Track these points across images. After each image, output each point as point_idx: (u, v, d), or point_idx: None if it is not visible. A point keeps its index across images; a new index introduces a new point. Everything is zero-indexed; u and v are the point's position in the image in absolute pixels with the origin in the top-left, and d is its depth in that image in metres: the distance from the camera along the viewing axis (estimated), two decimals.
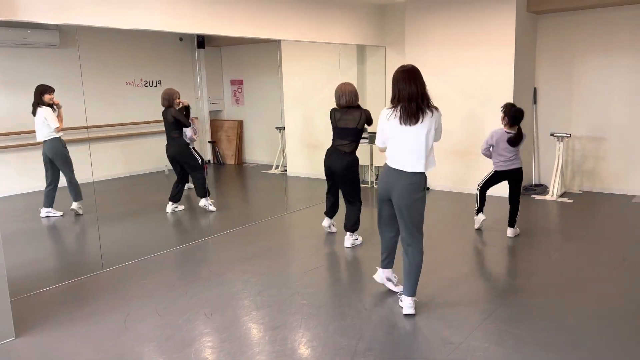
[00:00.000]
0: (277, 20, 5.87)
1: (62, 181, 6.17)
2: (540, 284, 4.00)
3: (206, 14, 5.13)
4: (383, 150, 3.61)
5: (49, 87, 6.10)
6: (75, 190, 6.08)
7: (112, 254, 4.82)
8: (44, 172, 6.30)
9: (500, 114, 5.10)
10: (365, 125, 4.94)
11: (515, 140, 5.07)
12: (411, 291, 3.51)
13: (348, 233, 4.98)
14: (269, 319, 3.48)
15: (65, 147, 6.12)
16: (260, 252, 4.87)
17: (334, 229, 5.37)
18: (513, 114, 5.01)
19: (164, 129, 7.00)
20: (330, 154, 4.94)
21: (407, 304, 3.50)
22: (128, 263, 4.63)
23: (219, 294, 3.92)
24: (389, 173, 3.50)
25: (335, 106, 4.94)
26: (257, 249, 4.97)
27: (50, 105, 6.02)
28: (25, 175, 7.20)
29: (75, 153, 7.25)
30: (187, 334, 3.31)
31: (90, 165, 6.08)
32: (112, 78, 8.26)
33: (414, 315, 3.48)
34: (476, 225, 5.39)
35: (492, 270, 4.41)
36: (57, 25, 6.65)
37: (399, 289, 3.77)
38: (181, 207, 6.38)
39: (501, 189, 5.50)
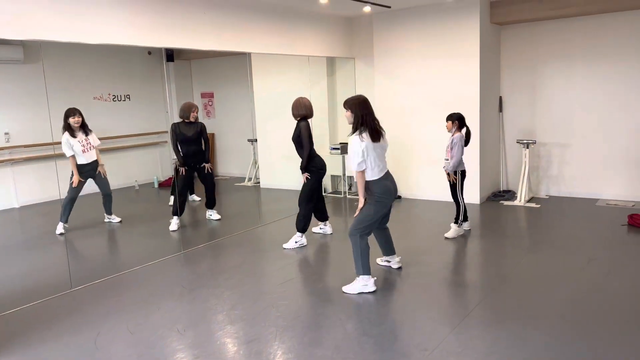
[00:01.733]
0: (246, 33, 5.89)
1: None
2: (510, 287, 4.09)
3: (174, 28, 5.11)
4: (361, 172, 3.99)
5: (72, 109, 6.10)
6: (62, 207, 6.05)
7: (81, 272, 4.72)
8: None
9: (447, 124, 5.38)
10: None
11: (468, 140, 5.45)
12: (394, 250, 4.56)
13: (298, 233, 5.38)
14: (243, 333, 3.46)
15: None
16: (233, 266, 4.84)
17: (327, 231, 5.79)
18: (460, 117, 5.35)
19: (130, 144, 6.92)
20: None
21: (397, 260, 4.55)
22: (98, 281, 4.53)
23: (192, 310, 3.87)
24: (388, 179, 4.10)
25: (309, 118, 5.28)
26: (230, 263, 4.94)
27: (70, 129, 6.02)
28: None
29: (41, 170, 7.12)
30: (159, 351, 3.26)
31: (57, 182, 5.98)
32: (80, 93, 8.12)
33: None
34: (455, 235, 5.43)
35: (463, 276, 4.48)
36: (21, 40, 6.54)
37: (395, 264, 4.56)
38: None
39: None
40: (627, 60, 6.47)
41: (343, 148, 7.38)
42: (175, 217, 6.12)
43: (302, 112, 5.26)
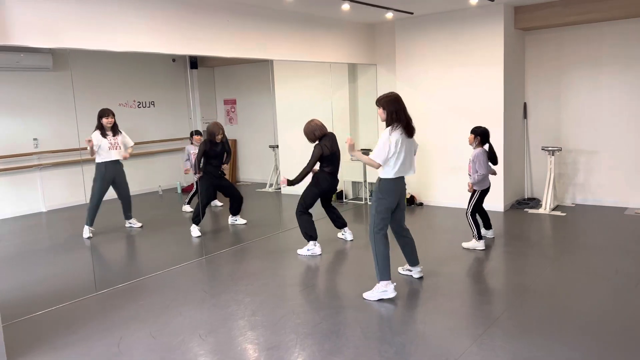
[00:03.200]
0: (268, 41, 5.94)
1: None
2: (534, 298, 4.01)
3: (198, 36, 5.19)
4: (378, 166, 4.02)
5: (106, 110, 6.30)
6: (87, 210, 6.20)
7: (105, 276, 4.79)
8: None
9: (469, 137, 5.27)
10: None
11: (494, 158, 5.28)
12: (418, 260, 4.51)
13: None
14: (264, 340, 3.46)
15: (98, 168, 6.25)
16: (254, 272, 4.86)
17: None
18: (483, 132, 5.22)
19: (154, 149, 7.03)
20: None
21: (418, 270, 4.50)
22: (121, 285, 4.60)
23: (214, 315, 3.90)
24: (398, 182, 4.10)
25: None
26: (251, 269, 4.96)
27: (102, 128, 6.19)
28: (18, 198, 7.19)
29: (68, 175, 7.28)
30: (181, 356, 3.28)
31: (84, 187, 6.11)
32: (106, 99, 8.28)
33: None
34: (475, 247, 5.31)
35: (486, 286, 4.41)
36: (50, 48, 6.71)
37: (417, 273, 4.52)
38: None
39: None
40: None
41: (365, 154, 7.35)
42: (194, 225, 6.18)
43: (319, 132, 5.33)
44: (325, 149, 5.27)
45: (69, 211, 7.18)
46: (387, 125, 4.02)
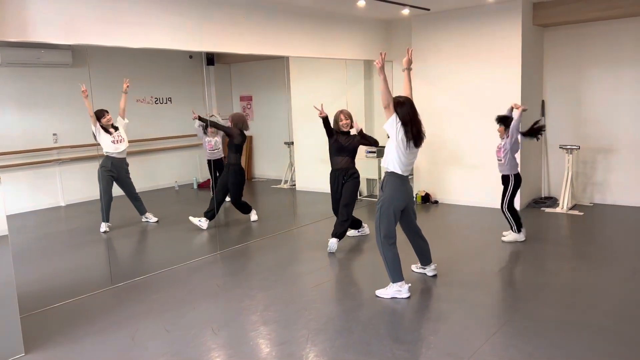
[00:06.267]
0: (284, 37, 5.95)
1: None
2: (550, 297, 3.96)
3: (215, 32, 5.22)
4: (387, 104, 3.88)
5: (100, 111, 6.39)
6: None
7: (121, 270, 4.86)
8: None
9: (500, 129, 5.25)
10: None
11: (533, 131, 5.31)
12: (430, 259, 4.47)
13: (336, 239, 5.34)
14: (276, 335, 3.48)
15: (101, 166, 6.37)
16: (267, 267, 4.88)
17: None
18: (507, 118, 5.23)
19: (171, 145, 7.10)
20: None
21: (432, 268, 4.46)
22: (137, 279, 4.66)
23: (227, 310, 3.93)
24: (404, 181, 4.01)
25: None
26: (264, 264, 4.99)
27: (104, 127, 6.30)
28: (38, 192, 7.32)
29: (87, 170, 7.39)
30: (194, 349, 3.32)
31: (99, 182, 6.20)
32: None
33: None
34: (515, 239, 5.33)
35: (501, 284, 4.37)
36: (69, 45, 6.81)
37: (431, 271, 4.47)
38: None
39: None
40: None
41: (379, 152, 7.34)
42: (204, 218, 6.26)
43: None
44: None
45: (88, 205, 7.28)
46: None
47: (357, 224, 5.75)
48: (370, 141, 5.36)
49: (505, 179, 5.32)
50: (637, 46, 6.43)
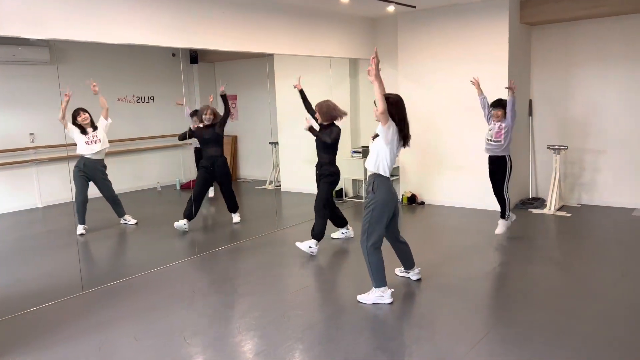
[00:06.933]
0: (268, 35, 5.80)
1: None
2: (537, 302, 3.84)
3: (196, 29, 5.05)
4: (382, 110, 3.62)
5: (76, 110, 6.14)
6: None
7: (93, 275, 4.67)
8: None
9: (499, 113, 5.31)
10: None
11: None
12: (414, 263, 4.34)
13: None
14: (253, 344, 3.32)
15: (75, 167, 6.17)
16: (247, 271, 4.72)
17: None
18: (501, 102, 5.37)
19: (154, 145, 6.88)
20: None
21: (416, 272, 4.32)
22: (109, 284, 4.47)
23: (202, 317, 3.76)
24: (391, 183, 3.90)
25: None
26: (244, 268, 4.82)
27: (80, 127, 6.08)
28: (15, 194, 7.10)
29: (64, 170, 7.17)
30: None
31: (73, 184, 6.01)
32: (104, 94, 8.10)
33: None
34: (504, 229, 5.41)
35: (487, 289, 4.25)
36: (47, 41, 6.60)
37: (415, 275, 4.34)
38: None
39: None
40: None
41: (365, 152, 7.20)
42: (185, 220, 6.03)
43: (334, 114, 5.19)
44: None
45: (66, 207, 7.06)
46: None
47: (341, 222, 5.60)
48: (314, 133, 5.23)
49: (498, 162, 5.30)
50: (624, 45, 6.36)
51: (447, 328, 3.46)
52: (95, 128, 6.12)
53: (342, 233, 5.67)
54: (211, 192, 7.68)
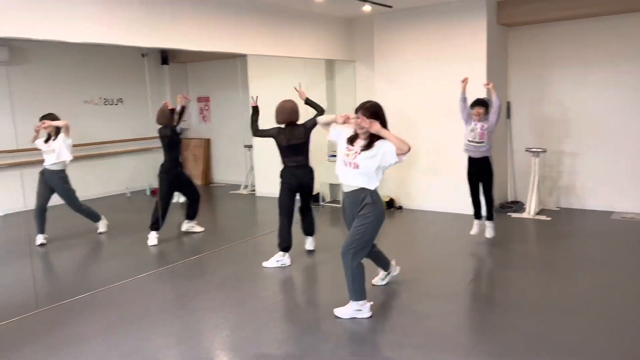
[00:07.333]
0: (242, 34, 5.57)
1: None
2: (519, 313, 3.67)
3: (167, 28, 4.78)
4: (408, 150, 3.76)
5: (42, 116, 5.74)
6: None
7: (50, 291, 4.35)
8: None
9: (481, 110, 5.18)
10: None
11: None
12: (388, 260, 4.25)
13: (310, 237, 5.18)
14: None
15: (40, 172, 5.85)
16: (217, 285, 4.46)
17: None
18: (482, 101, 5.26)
19: (122, 149, 6.51)
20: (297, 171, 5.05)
21: (393, 266, 4.28)
22: (67, 301, 4.12)
23: (164, 336, 3.49)
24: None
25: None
26: (214, 281, 4.56)
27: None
28: None
29: (25, 177, 6.80)
30: None
31: (22, 191, 5.67)
32: (69, 96, 7.81)
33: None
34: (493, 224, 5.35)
35: (470, 297, 4.08)
36: (7, 40, 6.24)
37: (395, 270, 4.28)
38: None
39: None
40: None
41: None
42: (154, 232, 5.71)
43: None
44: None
45: (28, 215, 6.69)
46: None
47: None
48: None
49: (482, 163, 5.18)
50: (601, 46, 6.30)
51: (430, 343, 3.26)
52: (55, 138, 5.70)
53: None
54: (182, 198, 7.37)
